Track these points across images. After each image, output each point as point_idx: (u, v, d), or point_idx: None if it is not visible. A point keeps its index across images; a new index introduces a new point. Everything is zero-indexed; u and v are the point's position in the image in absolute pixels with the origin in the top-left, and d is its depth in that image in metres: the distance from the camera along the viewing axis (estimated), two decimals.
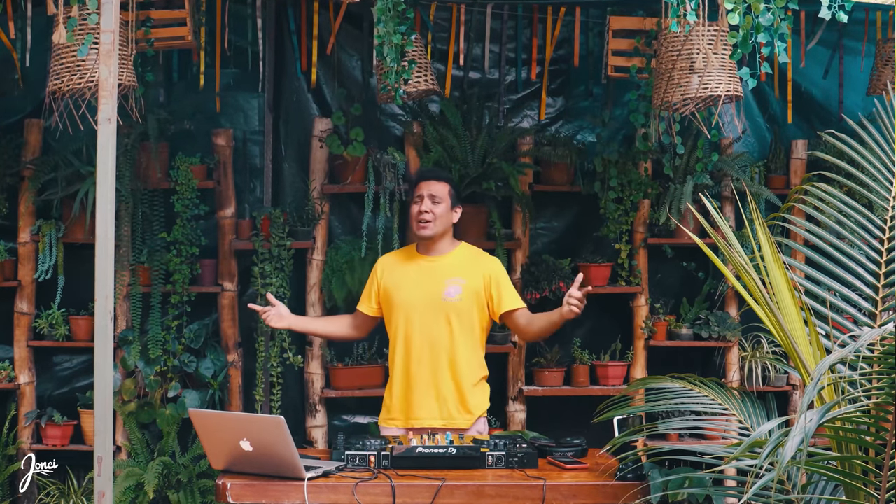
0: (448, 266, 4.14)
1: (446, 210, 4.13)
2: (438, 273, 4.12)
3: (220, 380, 5.38)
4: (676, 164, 5.40)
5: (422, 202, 4.10)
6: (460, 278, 4.10)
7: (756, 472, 2.65)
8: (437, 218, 4.10)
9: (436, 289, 4.10)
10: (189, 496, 5.19)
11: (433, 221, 4.09)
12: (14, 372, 5.36)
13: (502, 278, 4.18)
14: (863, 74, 5.56)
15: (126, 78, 4.17)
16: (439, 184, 4.14)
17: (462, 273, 4.12)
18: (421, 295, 4.11)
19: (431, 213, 4.08)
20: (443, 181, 4.17)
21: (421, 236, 4.14)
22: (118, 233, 5.09)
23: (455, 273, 4.11)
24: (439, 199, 4.11)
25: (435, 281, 4.11)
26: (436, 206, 4.10)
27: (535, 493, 3.40)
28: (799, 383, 5.54)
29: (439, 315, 4.09)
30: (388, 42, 4.24)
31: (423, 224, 4.09)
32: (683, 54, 4.16)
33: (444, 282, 4.10)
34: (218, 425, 3.54)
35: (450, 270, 4.13)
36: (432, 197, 4.10)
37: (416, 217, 4.12)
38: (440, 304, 4.09)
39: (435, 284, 4.10)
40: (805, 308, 3.01)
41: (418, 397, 4.12)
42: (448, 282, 4.09)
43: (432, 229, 4.10)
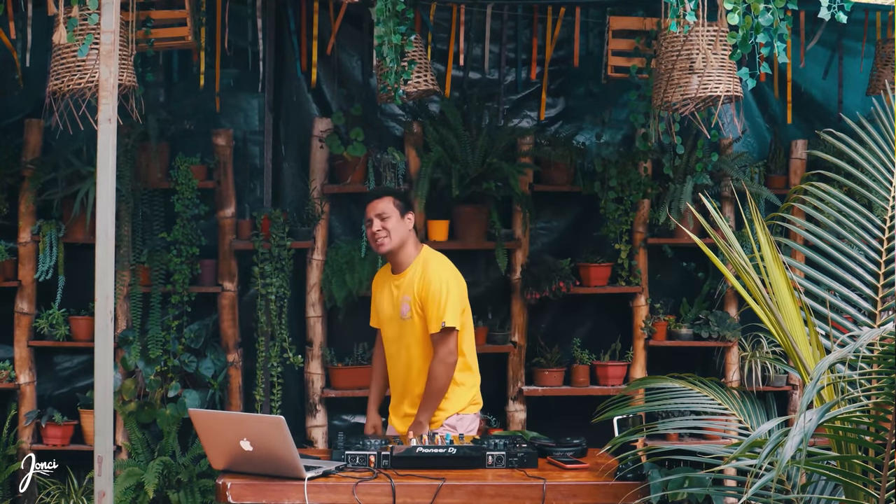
0: (404, 283, 4.25)
1: (397, 221, 4.21)
2: (399, 291, 4.26)
3: (220, 380, 5.38)
4: (676, 165, 5.41)
5: (372, 224, 4.22)
6: (408, 296, 4.22)
7: (756, 472, 2.65)
8: (390, 232, 4.20)
9: (396, 306, 4.26)
10: (189, 496, 5.20)
11: (388, 237, 4.19)
12: (14, 372, 5.36)
13: (430, 298, 4.14)
14: (862, 74, 5.56)
15: (126, 78, 4.17)
16: (381, 201, 4.24)
17: (409, 289, 4.23)
18: (389, 313, 4.30)
19: (383, 229, 4.19)
20: (383, 197, 4.27)
21: (382, 254, 4.26)
22: (118, 233, 5.09)
23: (406, 291, 4.24)
24: (387, 215, 4.20)
25: (396, 299, 4.26)
26: (385, 221, 4.20)
27: (535, 493, 3.40)
28: (799, 383, 5.54)
29: (400, 330, 4.25)
30: (387, 42, 4.24)
31: (379, 243, 4.20)
32: (683, 54, 4.16)
33: (400, 299, 4.24)
34: (218, 425, 3.54)
35: (403, 288, 4.24)
36: (379, 216, 4.20)
37: (371, 238, 4.24)
38: (399, 320, 4.24)
39: (396, 302, 4.26)
40: (805, 308, 3.01)
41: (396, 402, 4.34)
42: (403, 299, 4.23)
43: (389, 244, 4.20)
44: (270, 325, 5.44)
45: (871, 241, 3.46)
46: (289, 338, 5.45)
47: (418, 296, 4.18)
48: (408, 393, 4.26)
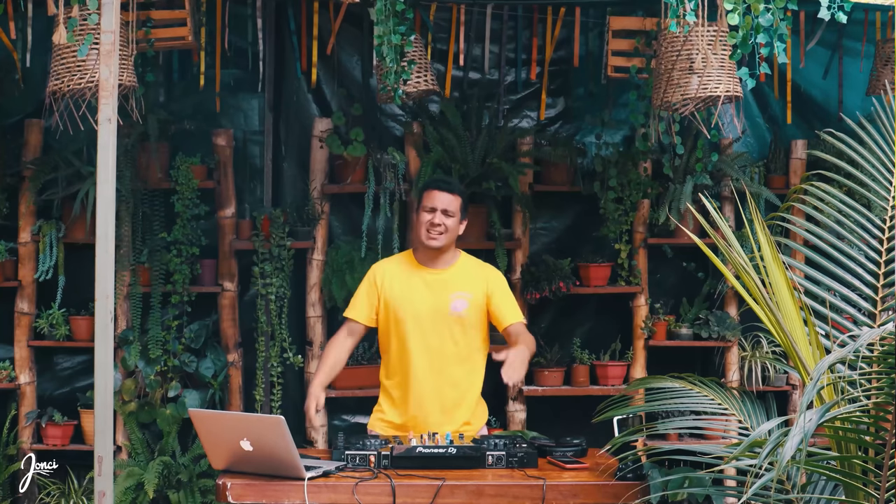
0: (453, 279, 4.08)
1: (456, 224, 4.06)
2: (444, 286, 4.06)
3: (220, 380, 5.38)
4: (676, 165, 5.41)
5: (434, 214, 4.01)
6: (466, 292, 4.06)
7: (756, 472, 2.65)
8: (448, 231, 4.02)
9: (442, 302, 4.04)
10: (189, 496, 5.20)
11: (444, 234, 4.01)
12: (14, 372, 5.36)
13: (503, 289, 4.14)
14: (862, 75, 5.56)
15: (126, 78, 4.17)
16: (453, 196, 4.05)
17: (467, 286, 4.07)
18: (427, 308, 4.04)
19: (444, 225, 4.00)
20: (457, 194, 4.08)
21: (428, 246, 4.04)
22: (118, 233, 5.09)
23: (460, 286, 4.07)
24: (452, 213, 4.03)
25: (440, 294, 4.05)
26: (448, 219, 4.02)
27: (535, 493, 3.40)
28: (798, 383, 5.54)
29: (445, 328, 4.04)
30: (387, 42, 4.24)
31: (434, 236, 4.01)
32: (683, 55, 4.16)
33: (449, 295, 4.05)
34: (218, 425, 3.54)
35: (455, 283, 4.07)
36: (445, 211, 4.01)
37: (425, 226, 4.02)
38: (446, 317, 4.03)
39: (441, 298, 4.04)
40: (804, 308, 3.01)
41: (424, 410, 4.03)
42: (453, 295, 4.05)
43: (442, 241, 4.02)
44: (270, 325, 5.44)
45: (871, 241, 3.46)
46: (289, 338, 5.45)
47: (488, 290, 4.05)
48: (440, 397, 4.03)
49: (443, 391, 4.04)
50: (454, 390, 4.06)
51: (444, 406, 4.04)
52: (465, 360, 4.09)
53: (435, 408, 4.03)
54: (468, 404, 4.10)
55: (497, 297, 4.10)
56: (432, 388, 4.03)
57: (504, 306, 4.11)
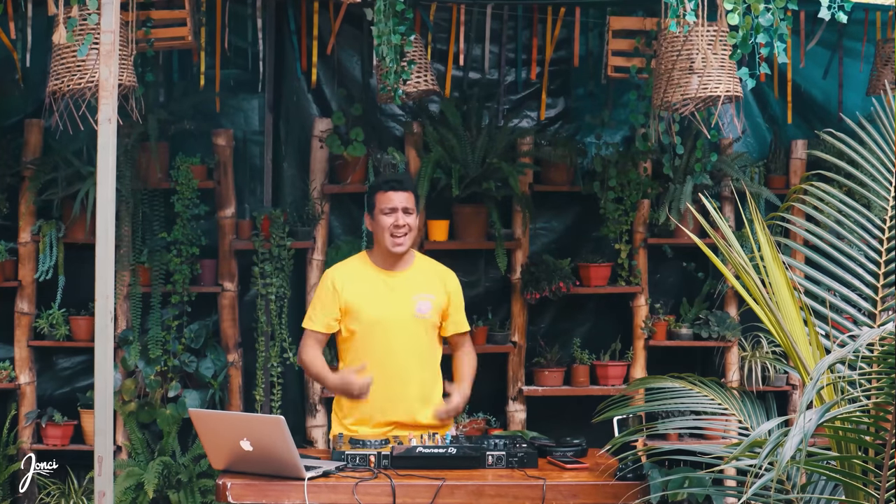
0: (414, 280, 3.98)
1: (416, 221, 3.96)
2: (406, 288, 3.96)
3: (220, 380, 5.38)
4: (676, 165, 5.41)
5: (396, 215, 3.89)
6: (429, 294, 3.98)
7: (756, 472, 2.65)
8: (411, 231, 3.92)
9: (407, 306, 3.94)
10: (189, 496, 5.20)
11: (408, 235, 3.91)
12: (14, 372, 5.36)
13: (460, 298, 4.10)
14: (862, 75, 5.56)
15: (126, 78, 4.17)
16: (408, 193, 3.94)
17: (428, 288, 3.99)
18: (392, 312, 3.93)
19: (407, 225, 3.90)
20: (410, 190, 3.96)
21: (395, 252, 3.93)
22: (118, 233, 5.09)
23: (422, 288, 3.97)
24: (411, 210, 3.92)
25: (405, 298, 3.95)
26: (409, 217, 3.91)
27: (535, 493, 3.40)
28: (798, 383, 5.54)
29: (412, 332, 3.95)
30: (386, 42, 4.23)
31: (399, 239, 3.89)
32: (683, 54, 4.16)
33: (412, 297, 3.95)
34: (218, 425, 3.54)
35: (417, 285, 3.98)
36: (406, 209, 3.90)
37: (389, 230, 3.89)
38: (412, 320, 3.94)
39: (405, 301, 3.94)
40: (804, 308, 3.01)
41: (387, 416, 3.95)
42: (416, 297, 3.96)
43: (407, 244, 3.92)
44: (270, 325, 5.44)
45: (871, 241, 3.46)
46: (289, 338, 5.45)
47: (448, 294, 3.99)
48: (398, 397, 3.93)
49: (409, 395, 3.96)
50: (420, 394, 3.99)
51: (409, 411, 3.96)
52: (429, 362, 4.03)
53: (401, 413, 3.95)
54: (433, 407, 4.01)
55: (454, 304, 4.06)
56: (399, 393, 3.95)
57: (457, 314, 4.08)
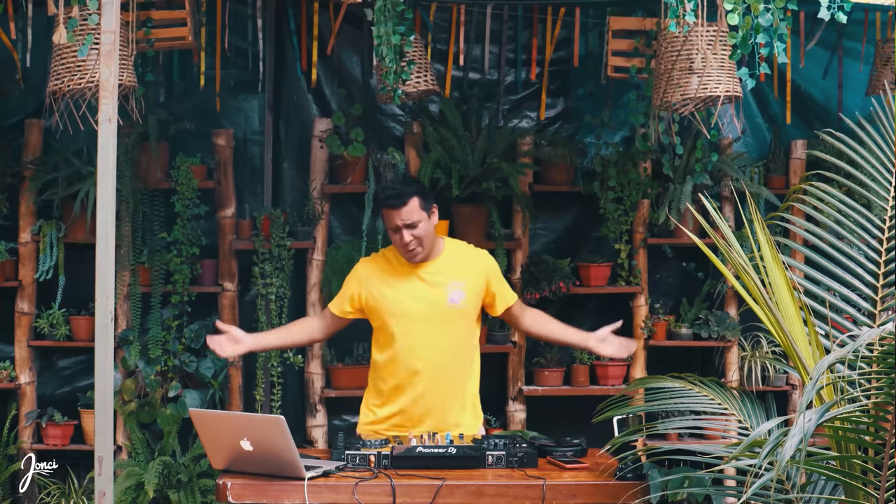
0: (446, 268, 3.93)
1: (426, 224, 3.85)
2: (438, 278, 3.91)
3: (220, 379, 5.38)
4: (676, 165, 5.41)
5: (401, 234, 3.82)
6: (460, 281, 3.92)
7: (755, 472, 2.65)
8: (423, 239, 3.84)
9: (438, 296, 3.89)
10: (189, 496, 5.20)
11: (420, 246, 3.85)
12: (15, 372, 5.36)
13: (499, 273, 4.07)
14: (862, 75, 5.56)
15: (126, 78, 4.17)
16: (407, 206, 3.82)
17: (460, 275, 3.94)
18: (423, 305, 3.89)
19: (414, 239, 3.83)
20: (408, 200, 3.82)
21: (414, 262, 3.90)
22: (118, 233, 5.09)
23: (454, 277, 3.92)
24: (416, 221, 3.82)
25: (437, 288, 3.90)
26: (416, 229, 3.82)
27: (535, 493, 3.40)
28: (798, 383, 5.54)
29: (445, 323, 3.89)
30: (386, 42, 4.23)
31: (412, 252, 3.85)
32: (683, 55, 4.16)
33: (444, 288, 3.90)
34: (218, 425, 3.54)
35: (449, 273, 3.92)
36: (409, 225, 3.82)
37: (400, 248, 3.87)
38: (445, 311, 3.89)
39: (436, 292, 3.89)
40: (804, 308, 3.01)
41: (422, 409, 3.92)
42: (449, 286, 3.91)
43: (422, 253, 3.87)
44: (270, 325, 5.44)
45: (871, 241, 3.46)
46: None
47: (485, 271, 3.96)
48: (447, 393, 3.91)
49: (450, 386, 3.93)
50: (462, 383, 3.96)
51: (444, 404, 3.93)
52: (464, 354, 3.98)
53: (436, 405, 3.91)
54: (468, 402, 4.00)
55: (495, 282, 4.01)
56: (438, 393, 3.92)
57: (502, 288, 4.04)
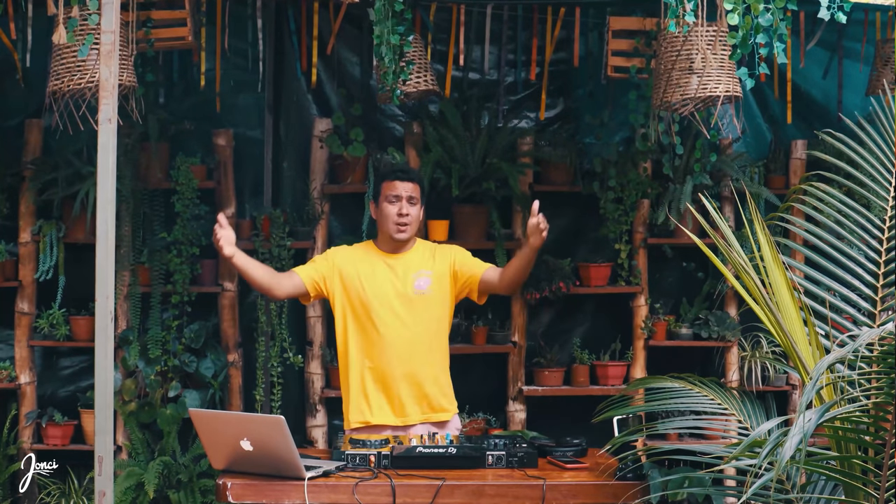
0: (412, 261, 4.08)
1: (419, 211, 4.09)
2: (404, 269, 4.06)
3: (220, 380, 5.38)
4: (676, 165, 5.41)
5: (400, 204, 4.01)
6: (425, 270, 4.07)
7: (755, 472, 2.65)
8: (413, 220, 4.04)
9: (406, 283, 4.04)
10: (189, 496, 5.20)
11: (411, 225, 4.03)
12: (15, 372, 5.36)
13: (464, 254, 4.16)
14: (862, 75, 5.56)
15: (126, 78, 4.17)
16: (414, 184, 4.06)
17: (426, 265, 4.08)
18: (390, 290, 4.03)
19: (410, 215, 4.02)
20: (416, 182, 4.09)
21: (397, 239, 4.05)
22: (119, 233, 5.09)
23: (420, 266, 4.08)
24: (415, 201, 4.05)
25: (404, 275, 4.05)
26: (413, 207, 4.03)
27: (535, 493, 3.41)
28: (798, 383, 5.54)
29: (411, 308, 4.03)
30: (385, 43, 4.24)
31: (403, 227, 4.01)
32: (682, 55, 4.16)
33: (410, 276, 4.05)
34: (218, 425, 3.54)
35: (416, 264, 4.07)
36: (410, 199, 4.02)
37: (393, 219, 4.01)
38: (412, 297, 4.03)
39: (405, 279, 4.04)
40: (804, 308, 3.02)
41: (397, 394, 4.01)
42: (415, 275, 4.05)
43: (409, 232, 4.04)
44: (270, 325, 5.44)
45: (871, 241, 3.47)
46: (289, 338, 5.45)
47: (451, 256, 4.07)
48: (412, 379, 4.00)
49: (416, 371, 4.01)
50: (428, 369, 4.03)
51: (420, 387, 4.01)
52: (436, 338, 4.08)
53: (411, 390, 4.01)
54: (441, 386, 4.08)
55: (461, 262, 4.10)
56: (405, 368, 4.00)
57: (471, 263, 4.12)
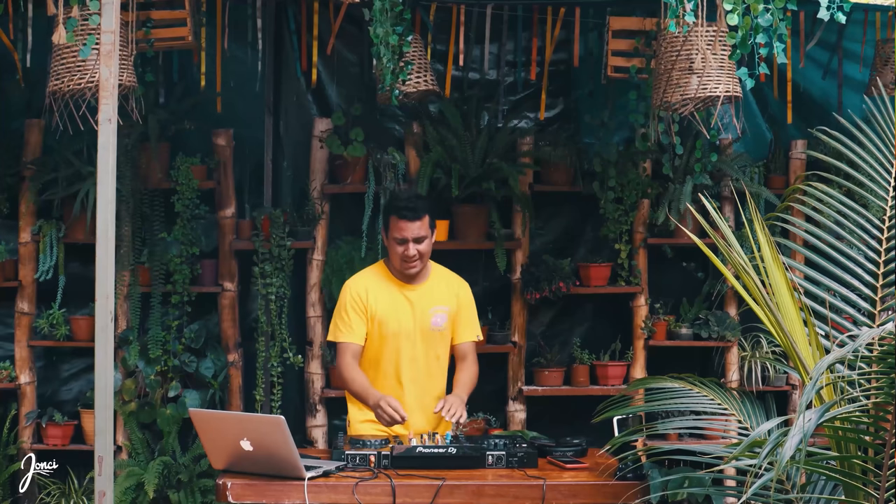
0: (430, 292, 4.09)
1: (429, 244, 4.04)
2: (423, 302, 4.07)
3: (220, 380, 5.38)
4: (676, 165, 5.41)
5: (407, 247, 3.95)
6: (443, 305, 4.09)
7: (755, 472, 2.65)
8: (424, 255, 4.01)
9: (424, 318, 4.06)
10: (189, 496, 5.20)
11: (421, 261, 4.00)
12: (15, 372, 5.36)
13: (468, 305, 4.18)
14: (862, 75, 5.56)
15: (126, 78, 4.17)
16: (421, 221, 3.97)
17: (443, 300, 4.10)
18: (412, 326, 4.05)
19: (418, 253, 3.97)
20: (423, 215, 3.99)
21: (407, 275, 4.04)
22: (118, 233, 5.09)
23: (437, 300, 4.09)
24: (423, 237, 3.98)
25: (422, 310, 4.06)
26: (421, 245, 3.98)
27: (535, 493, 3.41)
28: (798, 383, 5.54)
29: (428, 344, 4.08)
30: (384, 43, 4.23)
31: (411, 265, 3.99)
32: (682, 55, 4.16)
33: (429, 311, 4.06)
34: (218, 425, 3.55)
35: (433, 297, 4.09)
36: (417, 239, 3.96)
37: (400, 258, 3.98)
38: (429, 333, 4.07)
39: (422, 314, 4.06)
40: (804, 308, 3.02)
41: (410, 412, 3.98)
42: (433, 310, 4.07)
43: (420, 267, 4.02)
44: (270, 325, 5.45)
45: (870, 241, 3.47)
46: (289, 338, 5.45)
47: (460, 304, 4.09)
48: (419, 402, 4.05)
49: (427, 404, 4.06)
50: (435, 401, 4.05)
51: (427, 418, 4.06)
52: (443, 371, 4.17)
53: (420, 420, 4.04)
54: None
55: (463, 313, 4.15)
56: (418, 403, 4.06)
57: (463, 323, 4.16)
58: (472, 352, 4.20)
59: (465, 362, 4.19)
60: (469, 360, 4.19)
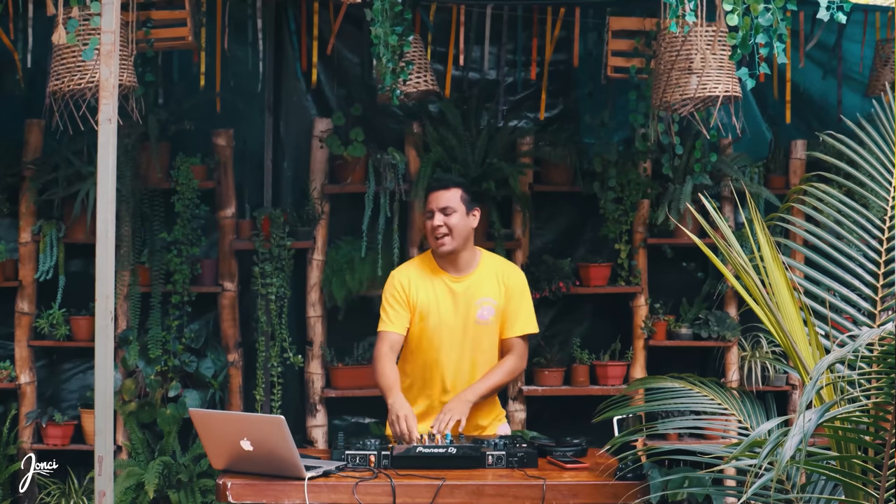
0: (477, 284, 3.93)
1: (462, 218, 3.86)
2: (469, 294, 3.92)
3: (220, 379, 5.38)
4: (675, 165, 5.41)
5: (433, 217, 3.84)
6: (490, 298, 3.93)
7: (755, 472, 2.65)
8: (454, 230, 3.84)
9: (469, 311, 3.92)
10: (189, 496, 5.20)
11: (450, 235, 3.84)
12: (15, 372, 5.37)
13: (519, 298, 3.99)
14: (861, 75, 5.56)
15: (126, 78, 4.17)
16: (448, 192, 3.87)
17: (491, 291, 3.94)
18: (455, 320, 3.92)
19: (446, 226, 3.83)
20: (451, 187, 3.88)
21: (441, 254, 3.89)
22: (119, 233, 5.09)
23: (485, 292, 3.93)
24: (452, 209, 3.84)
25: (467, 303, 3.92)
26: (449, 217, 3.84)
27: (534, 493, 3.40)
28: (798, 383, 5.54)
29: (474, 340, 3.94)
30: (383, 43, 4.23)
31: (440, 240, 3.84)
32: (682, 55, 4.16)
33: (475, 303, 3.93)
34: (218, 425, 3.54)
35: (479, 290, 3.93)
36: (444, 209, 3.83)
37: (430, 234, 3.87)
38: (474, 328, 3.93)
39: (467, 307, 3.92)
40: (804, 308, 3.02)
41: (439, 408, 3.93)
42: (479, 303, 3.93)
43: (451, 244, 3.85)
44: (270, 325, 5.45)
45: (871, 241, 3.47)
46: (289, 338, 5.46)
47: (508, 294, 3.91)
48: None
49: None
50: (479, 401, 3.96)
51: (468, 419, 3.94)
52: (487, 364, 4.01)
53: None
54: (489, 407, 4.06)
55: (511, 305, 3.97)
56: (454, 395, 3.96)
57: (511, 316, 3.98)
58: (520, 345, 4.00)
59: (507, 355, 4.00)
60: (512, 354, 3.98)
